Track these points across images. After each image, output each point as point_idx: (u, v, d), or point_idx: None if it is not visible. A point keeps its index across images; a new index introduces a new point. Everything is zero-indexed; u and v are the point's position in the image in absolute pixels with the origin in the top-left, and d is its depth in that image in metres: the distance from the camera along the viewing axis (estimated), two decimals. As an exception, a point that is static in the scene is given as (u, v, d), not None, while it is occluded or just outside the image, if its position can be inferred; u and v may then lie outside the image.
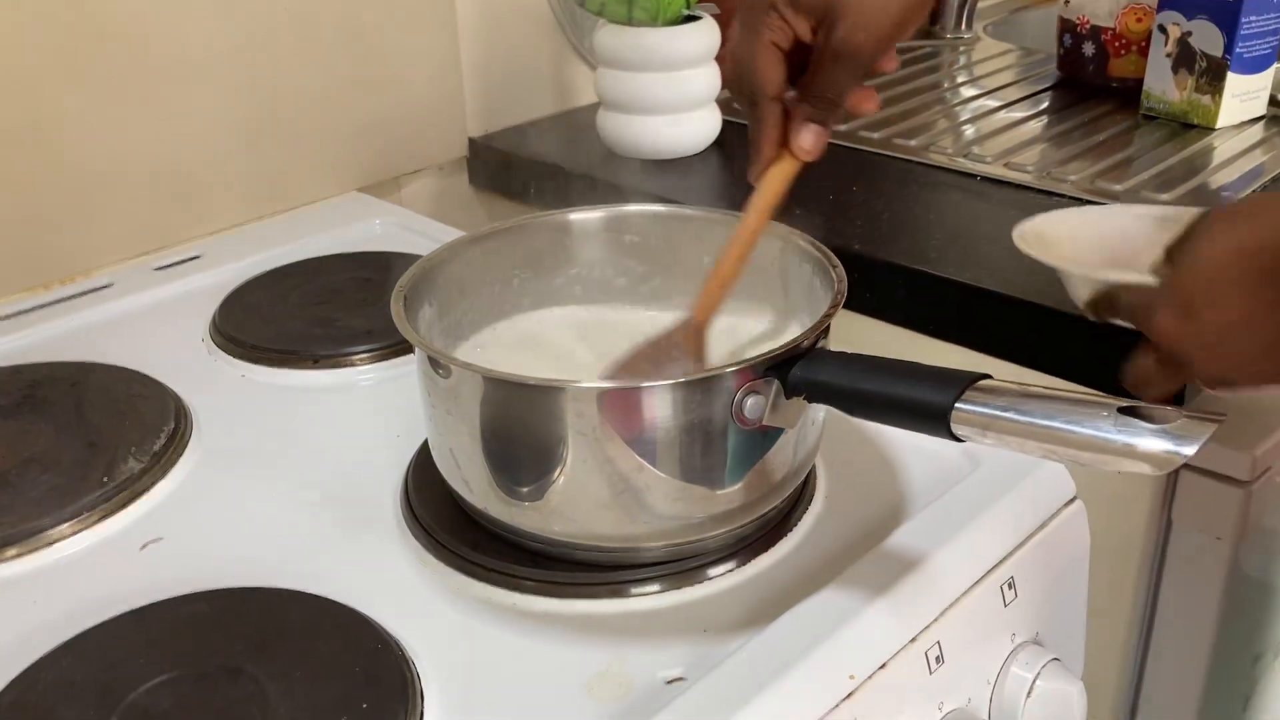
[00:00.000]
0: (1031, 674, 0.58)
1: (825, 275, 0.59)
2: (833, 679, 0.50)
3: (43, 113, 0.86)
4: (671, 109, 1.05)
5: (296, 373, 0.76)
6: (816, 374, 0.52)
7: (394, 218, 1.01)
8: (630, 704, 0.49)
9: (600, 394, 0.52)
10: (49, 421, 0.69)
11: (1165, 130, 1.07)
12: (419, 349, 0.55)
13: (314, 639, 0.52)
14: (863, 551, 0.57)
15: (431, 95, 1.10)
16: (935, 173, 1.00)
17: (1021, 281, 0.79)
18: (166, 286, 0.89)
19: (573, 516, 0.54)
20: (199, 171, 0.96)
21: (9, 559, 0.59)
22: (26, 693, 0.50)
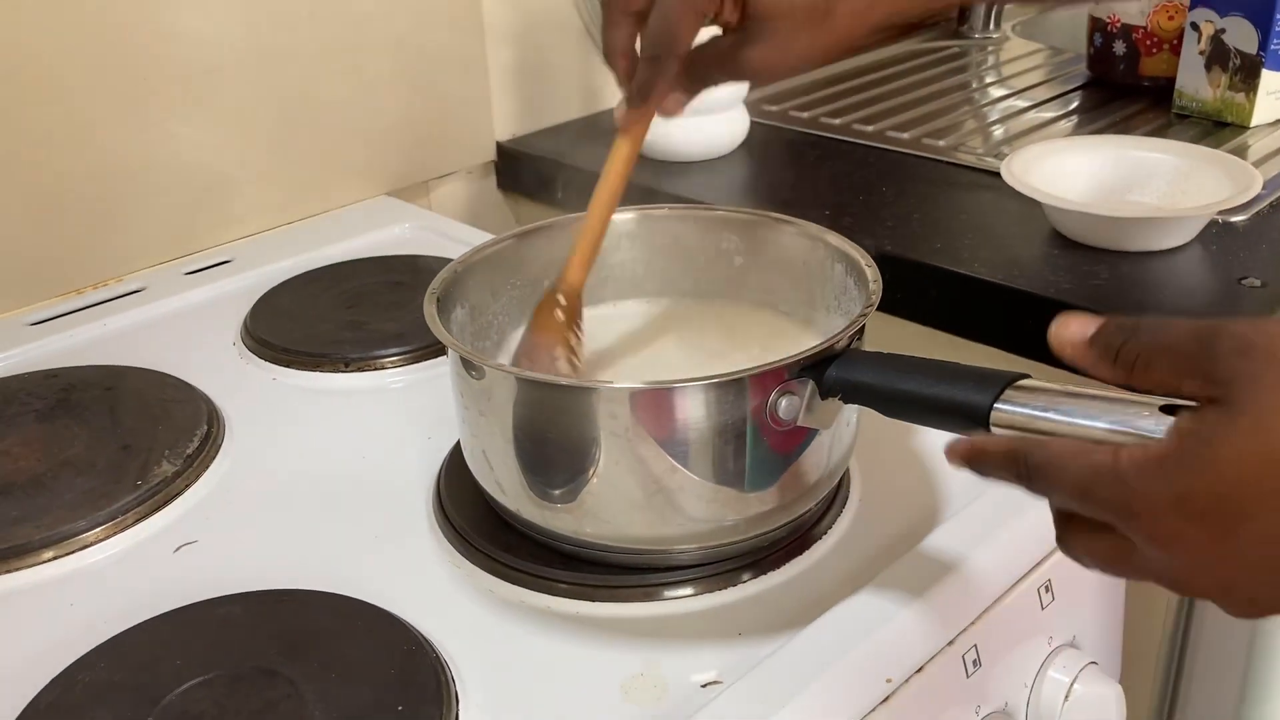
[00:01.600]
0: (1069, 677, 0.58)
1: (859, 275, 0.58)
2: (869, 682, 0.50)
3: (74, 118, 0.87)
4: (699, 110, 1.04)
5: (327, 376, 0.77)
6: (852, 374, 0.52)
7: (423, 221, 1.01)
8: (665, 708, 0.49)
9: (633, 394, 0.52)
10: (83, 425, 0.70)
11: (1198, 129, 1.06)
12: (452, 350, 0.55)
13: (348, 641, 0.52)
14: (899, 554, 0.56)
15: (460, 99, 1.10)
16: (965, 173, 1.00)
17: (1055, 281, 0.79)
18: (198, 290, 0.90)
19: (606, 518, 0.54)
20: (229, 176, 0.96)
21: (45, 561, 0.60)
22: (64, 694, 0.50)
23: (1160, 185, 0.88)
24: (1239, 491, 0.35)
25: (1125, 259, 0.81)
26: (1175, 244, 0.82)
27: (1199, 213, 0.81)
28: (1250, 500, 0.35)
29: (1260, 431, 0.35)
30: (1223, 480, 0.35)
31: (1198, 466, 0.36)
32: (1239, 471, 0.35)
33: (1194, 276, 0.80)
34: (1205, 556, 0.36)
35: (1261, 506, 0.35)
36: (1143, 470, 0.37)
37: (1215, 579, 0.37)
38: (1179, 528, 0.36)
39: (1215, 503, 0.35)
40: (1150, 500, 0.37)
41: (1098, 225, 0.82)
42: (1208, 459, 0.36)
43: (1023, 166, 0.86)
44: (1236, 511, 0.35)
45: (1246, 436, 0.35)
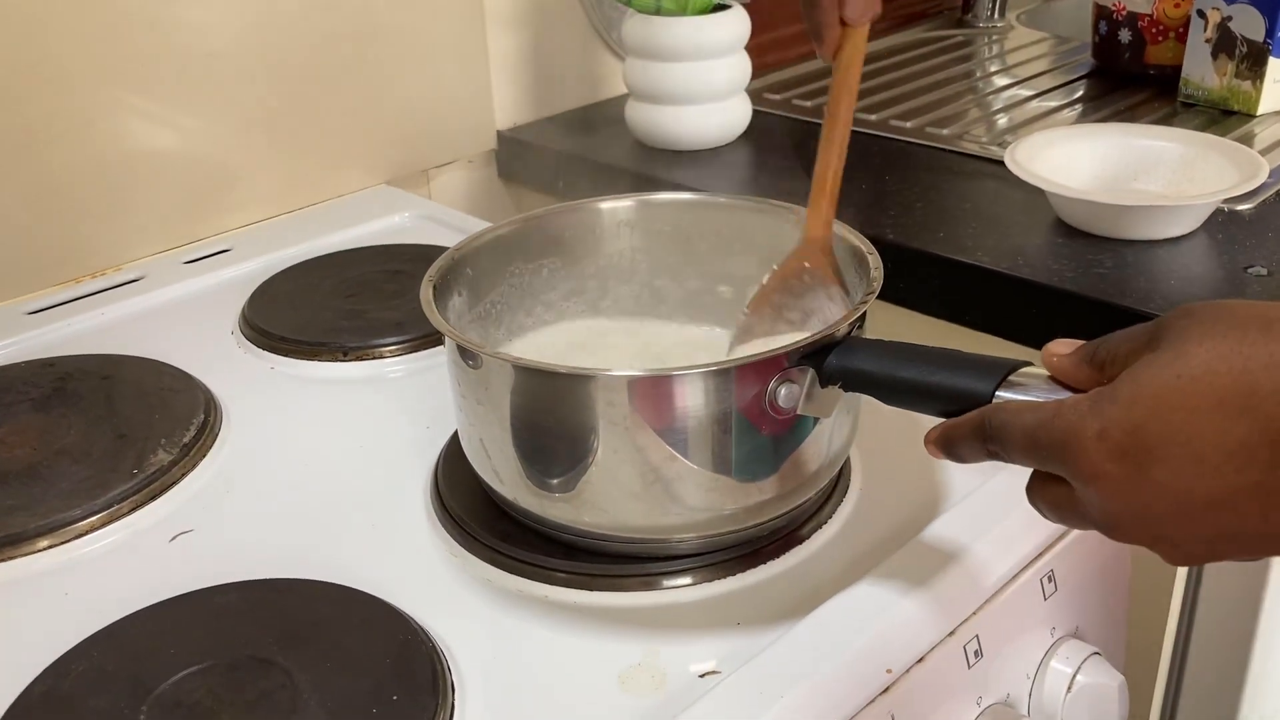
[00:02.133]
0: (1072, 668, 0.57)
1: (861, 263, 0.58)
2: (870, 673, 0.49)
3: (73, 106, 0.86)
4: (701, 99, 1.04)
5: (325, 365, 0.76)
6: (852, 362, 0.51)
7: (423, 210, 1.01)
8: (663, 698, 0.49)
9: (631, 382, 0.51)
10: (80, 414, 0.69)
11: (1204, 118, 1.05)
12: (449, 338, 0.55)
13: (344, 631, 0.52)
14: (900, 544, 0.56)
15: (460, 88, 1.09)
16: (969, 161, 0.99)
17: (1059, 270, 0.78)
18: (196, 279, 0.89)
19: (604, 508, 0.54)
20: (229, 164, 0.96)
21: (40, 550, 0.59)
22: (58, 683, 0.49)
23: (1165, 173, 0.87)
24: (1154, 422, 0.37)
25: (1130, 248, 0.81)
26: (1180, 233, 0.82)
27: (1204, 201, 0.80)
28: (1162, 432, 0.37)
29: (1179, 359, 0.37)
30: (1140, 408, 0.37)
31: (1121, 398, 0.38)
32: (1155, 401, 0.37)
33: (1199, 265, 0.79)
34: (1128, 496, 0.38)
35: (1172, 439, 0.36)
36: (1076, 407, 0.39)
37: (1141, 522, 0.39)
38: (1101, 463, 0.38)
39: (1132, 434, 0.37)
40: (1079, 434, 0.39)
41: (1102, 214, 0.81)
42: (1130, 392, 0.38)
43: (1027, 155, 0.86)
44: (1151, 444, 0.37)
45: (1165, 366, 0.37)
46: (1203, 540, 0.38)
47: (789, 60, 1.29)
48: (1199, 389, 0.36)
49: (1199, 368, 0.36)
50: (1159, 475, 0.37)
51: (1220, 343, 0.36)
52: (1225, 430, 0.36)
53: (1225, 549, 0.39)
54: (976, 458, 0.45)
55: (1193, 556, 0.40)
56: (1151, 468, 0.37)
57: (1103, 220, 0.82)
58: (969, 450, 0.45)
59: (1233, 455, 0.36)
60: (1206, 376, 0.36)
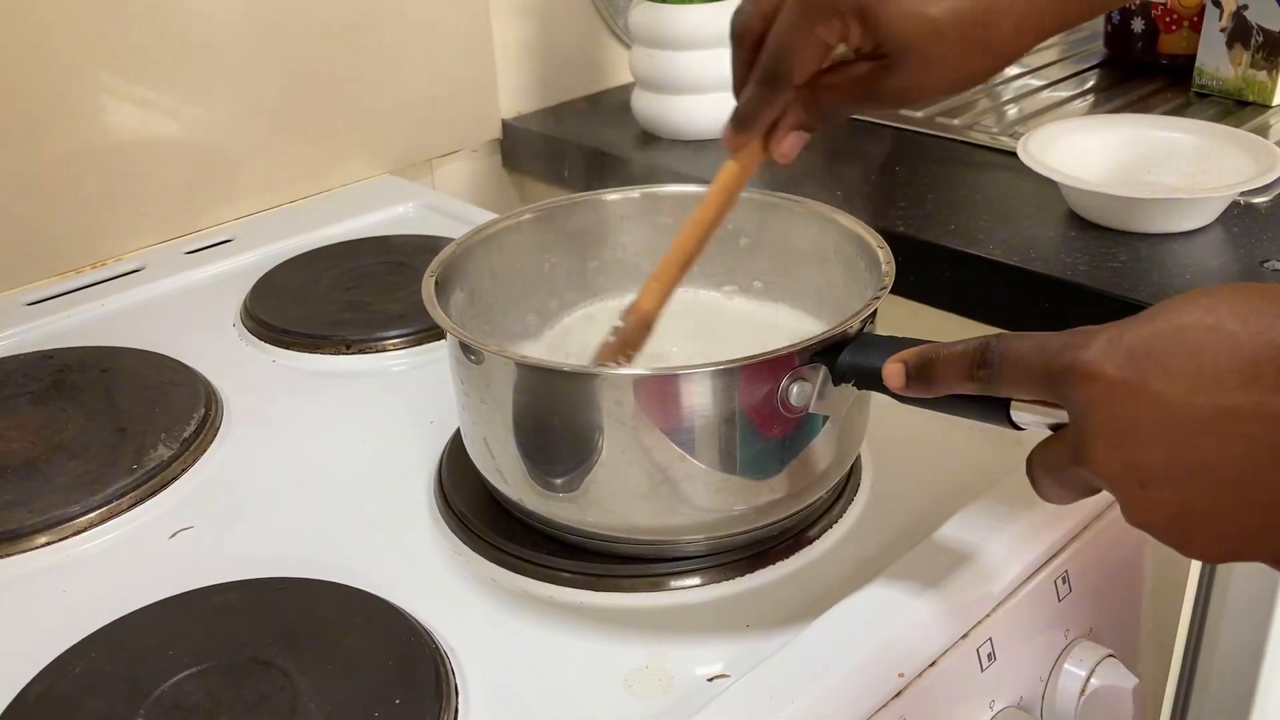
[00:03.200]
0: (1086, 671, 0.56)
1: (872, 257, 0.57)
2: (881, 677, 0.48)
3: (73, 93, 0.85)
4: (708, 88, 1.02)
5: (328, 358, 0.75)
6: (865, 359, 0.50)
7: (427, 201, 1.00)
8: (671, 701, 0.48)
9: (638, 381, 0.50)
10: (79, 407, 0.68)
11: (1219, 108, 1.04)
12: (451, 334, 0.54)
13: (346, 631, 0.51)
14: (911, 544, 0.55)
15: (464, 77, 1.08)
16: (980, 152, 0.98)
17: (1072, 264, 0.77)
18: (198, 270, 0.88)
19: (610, 508, 0.53)
20: (231, 154, 0.95)
21: (38, 547, 0.59)
22: (55, 684, 0.49)
23: (1180, 165, 0.86)
24: (1168, 332, 0.36)
25: (1144, 241, 0.79)
26: (1195, 226, 0.80)
27: (1220, 193, 0.79)
28: (1173, 341, 0.35)
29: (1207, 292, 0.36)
30: (1160, 320, 0.36)
31: (1139, 317, 0.37)
32: (1176, 314, 0.36)
33: (1215, 259, 0.78)
34: (1118, 406, 0.36)
35: (1180, 349, 0.35)
36: (1100, 327, 0.38)
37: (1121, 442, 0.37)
38: (1103, 365, 0.37)
39: (1145, 340, 0.36)
40: (1091, 336, 0.38)
41: (1116, 206, 0.80)
42: (1153, 310, 0.37)
43: (1040, 146, 0.84)
44: (1159, 351, 0.36)
45: (1191, 296, 0.36)
46: (1174, 482, 0.36)
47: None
48: (1224, 307, 0.35)
49: (1229, 292, 0.35)
50: (1157, 384, 0.35)
51: (1255, 288, 0.36)
52: (1238, 344, 0.34)
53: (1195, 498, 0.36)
54: (950, 384, 0.43)
55: (1158, 505, 0.37)
56: (1151, 375, 0.35)
57: (1117, 213, 0.80)
58: (948, 375, 0.43)
59: (1240, 370, 0.34)
60: (1234, 300, 0.35)
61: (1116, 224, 0.81)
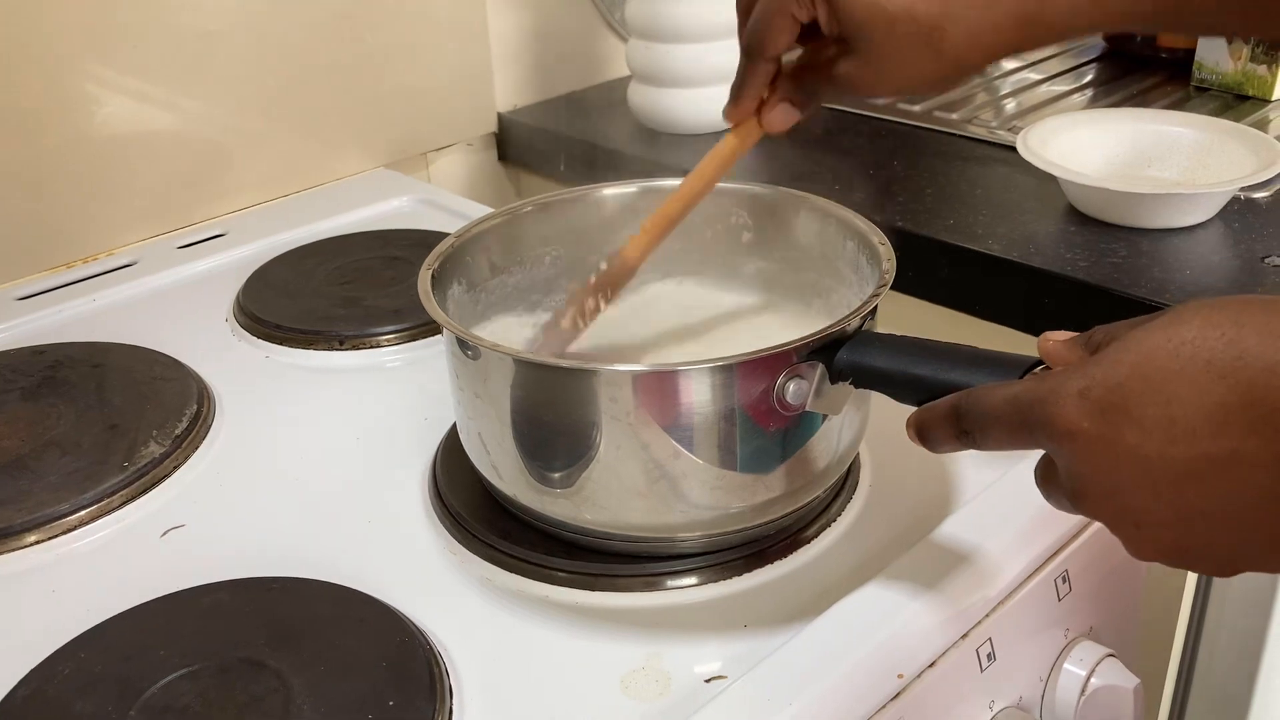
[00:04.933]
0: (1086, 670, 0.56)
1: (872, 253, 0.56)
2: (880, 678, 0.48)
3: (63, 86, 0.84)
4: (705, 81, 1.02)
5: (321, 354, 0.75)
6: (863, 358, 0.50)
7: (422, 194, 0.99)
8: (668, 702, 0.47)
9: (635, 377, 0.50)
10: (69, 403, 0.68)
11: (1218, 103, 1.04)
12: (447, 330, 0.53)
13: (339, 631, 0.50)
14: (910, 543, 0.54)
15: (459, 69, 1.07)
16: (978, 146, 0.97)
17: (1071, 259, 0.76)
18: (190, 265, 0.88)
19: (605, 505, 0.52)
20: (224, 147, 0.94)
21: (27, 546, 0.58)
22: (44, 686, 0.48)
23: (1181, 160, 0.85)
24: (1136, 380, 0.35)
25: (1145, 236, 0.79)
26: (1196, 221, 0.80)
27: (1221, 188, 0.78)
28: (1142, 391, 0.35)
29: (1173, 324, 0.35)
30: (1125, 366, 0.36)
31: (1107, 358, 0.36)
32: (1142, 359, 0.35)
33: (1215, 255, 0.77)
34: (1098, 459, 0.36)
35: (1150, 399, 0.35)
36: (1062, 371, 0.38)
37: (1108, 491, 0.37)
38: (1078, 420, 0.36)
39: (1113, 390, 0.36)
40: (1059, 392, 0.37)
41: (1116, 201, 0.79)
42: (1117, 352, 0.36)
43: (1039, 140, 0.84)
44: (1128, 403, 0.35)
45: (1158, 329, 0.36)
46: (1167, 524, 0.36)
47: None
48: (1188, 351, 0.35)
49: (1192, 331, 0.35)
50: (1131, 437, 0.35)
51: (1218, 313, 0.35)
52: (1205, 391, 0.34)
53: (1191, 536, 0.36)
54: (948, 445, 0.44)
55: (1156, 543, 0.37)
56: (1125, 429, 0.35)
57: (1117, 208, 0.80)
58: (941, 436, 0.44)
59: (1209, 418, 0.34)
60: (1198, 339, 0.35)
61: (1117, 219, 0.80)
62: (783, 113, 0.56)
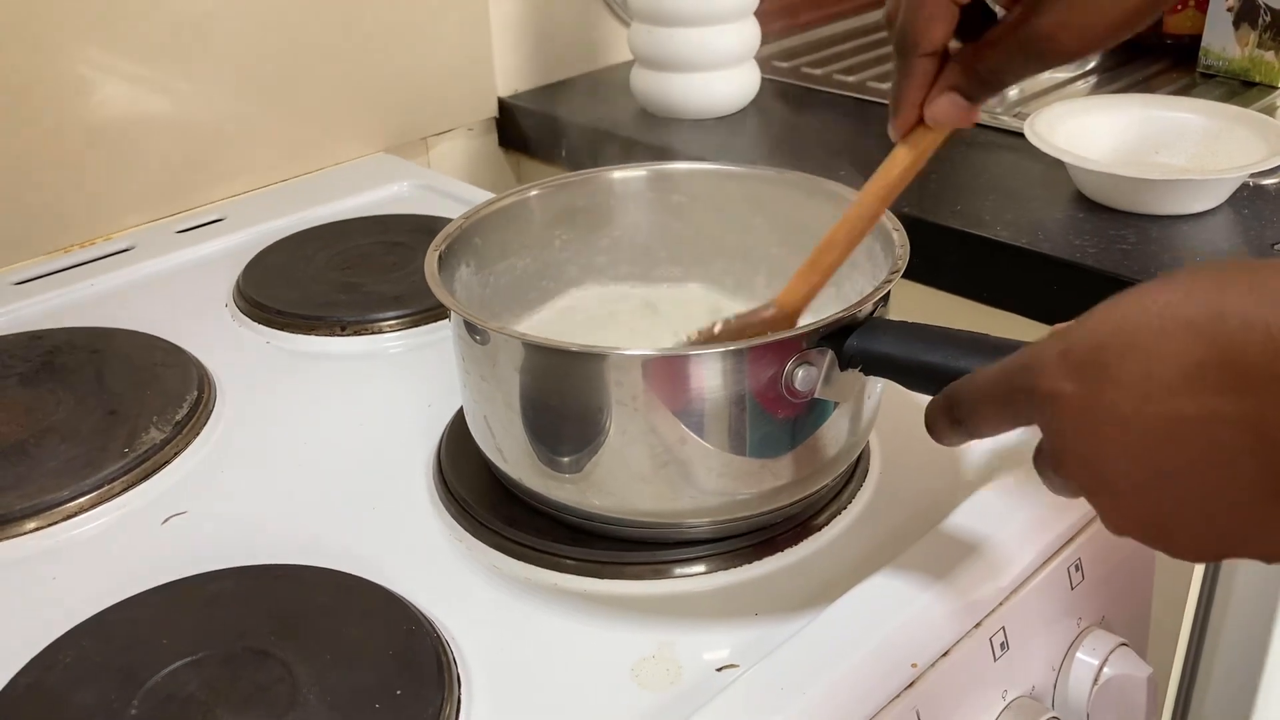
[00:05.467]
0: (1098, 660, 0.55)
1: (885, 238, 0.55)
2: (894, 667, 0.47)
3: (60, 69, 0.83)
4: (707, 66, 1.01)
5: (323, 340, 0.74)
6: (874, 345, 0.49)
7: (422, 179, 0.98)
8: (679, 691, 0.47)
9: (645, 362, 0.49)
10: (68, 389, 0.67)
11: (1224, 89, 1.03)
12: (455, 313, 0.52)
13: (344, 620, 0.50)
14: (922, 532, 0.54)
15: (460, 53, 1.06)
16: (984, 132, 0.96)
17: (1080, 245, 0.76)
18: (189, 250, 0.87)
19: (612, 490, 0.51)
20: (222, 131, 0.93)
21: (27, 533, 0.57)
22: (44, 675, 0.47)
23: (1189, 146, 0.85)
24: (1117, 339, 0.35)
25: (1153, 223, 0.78)
26: (1205, 208, 0.79)
27: (1230, 175, 0.78)
28: (1122, 349, 0.35)
29: (1158, 287, 0.35)
30: (1108, 326, 0.36)
31: (1091, 319, 0.36)
32: (1124, 320, 0.35)
33: (1224, 242, 0.77)
34: (1077, 421, 0.36)
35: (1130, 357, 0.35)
36: (1047, 338, 0.38)
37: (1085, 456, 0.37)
38: (1060, 382, 0.36)
39: (1094, 350, 0.36)
40: (1042, 356, 0.37)
41: (1125, 187, 0.79)
42: (1101, 313, 0.36)
43: (1047, 126, 0.83)
44: (1109, 361, 0.35)
45: (1143, 293, 0.35)
46: (1141, 489, 0.36)
47: (799, 27, 1.26)
48: (1170, 311, 0.34)
49: (1175, 293, 0.35)
50: (1109, 396, 0.35)
51: (1202, 276, 0.35)
52: (1184, 349, 0.34)
53: (1163, 502, 0.36)
54: (950, 436, 0.43)
55: (1130, 513, 0.37)
56: (1104, 388, 0.35)
57: (1125, 194, 0.79)
58: (944, 432, 0.44)
59: (1186, 376, 0.34)
60: (1180, 301, 0.34)
61: (1125, 205, 0.80)
62: (949, 103, 0.47)
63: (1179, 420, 0.34)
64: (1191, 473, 0.35)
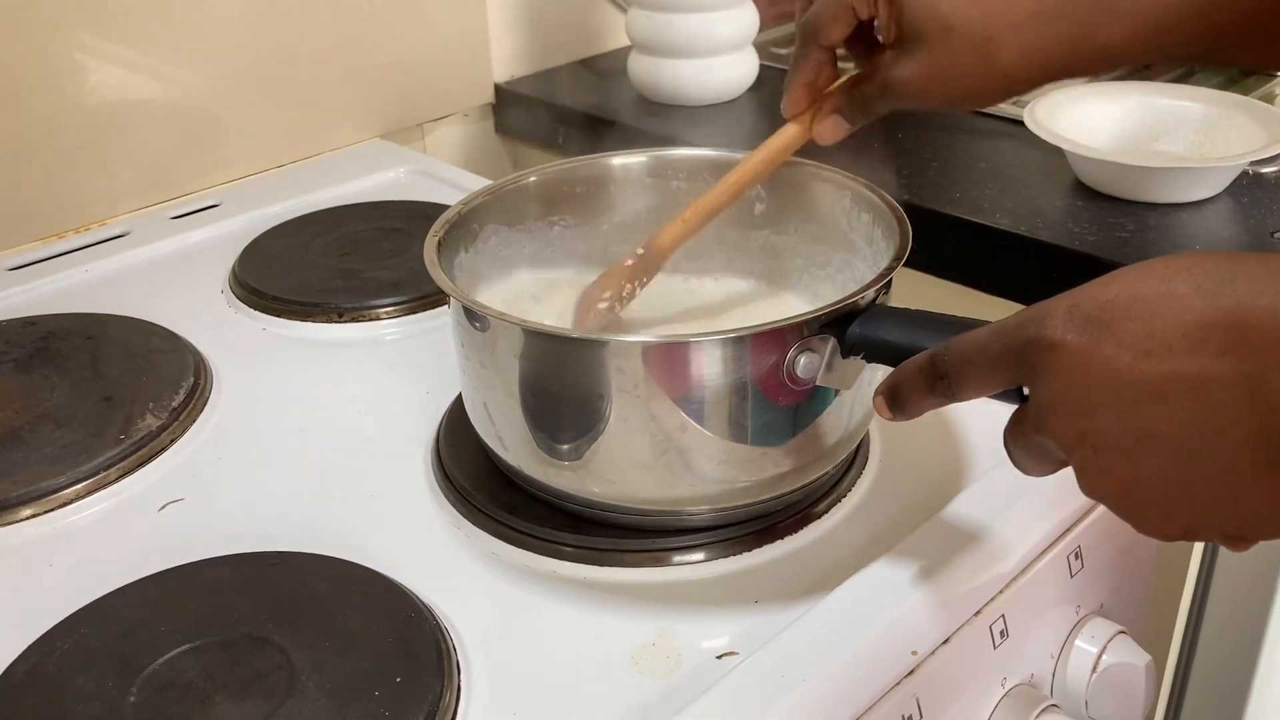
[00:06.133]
0: (1097, 648, 0.55)
1: (888, 226, 0.55)
2: (894, 654, 0.47)
3: (56, 54, 0.83)
4: (706, 52, 1.00)
5: (320, 326, 0.73)
6: (876, 332, 0.49)
7: (418, 166, 0.97)
8: (679, 679, 0.47)
9: (645, 349, 0.49)
10: (64, 375, 0.66)
11: (1223, 77, 1.03)
12: (454, 299, 0.52)
13: (343, 606, 0.49)
14: (922, 519, 0.54)
15: (456, 39, 1.06)
16: (983, 120, 0.96)
17: (1079, 233, 0.75)
18: (184, 236, 0.86)
19: (612, 478, 0.51)
20: (218, 117, 0.92)
21: (23, 520, 0.57)
22: (42, 661, 0.47)
23: (1188, 134, 0.85)
24: (1124, 296, 0.36)
25: (1152, 211, 0.78)
26: (1204, 195, 0.79)
27: (1230, 163, 0.78)
28: (1128, 305, 0.35)
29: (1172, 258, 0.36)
30: (1117, 285, 0.36)
31: (1099, 282, 0.37)
32: (1133, 278, 0.36)
33: (1224, 229, 0.77)
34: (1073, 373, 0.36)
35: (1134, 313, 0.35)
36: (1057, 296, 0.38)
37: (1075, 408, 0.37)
38: (1063, 332, 0.37)
39: (1101, 306, 0.36)
40: (1050, 309, 0.37)
41: (1124, 175, 0.79)
42: (1111, 276, 0.37)
43: (1047, 113, 0.83)
44: (1113, 316, 0.36)
45: (1153, 261, 0.36)
46: (1125, 449, 0.36)
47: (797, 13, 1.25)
48: (1180, 276, 0.35)
49: (1189, 260, 0.36)
50: (1108, 349, 0.36)
51: (1216, 251, 0.36)
52: (1188, 309, 0.34)
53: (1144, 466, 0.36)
54: (922, 403, 0.44)
55: (1109, 474, 0.37)
56: (1104, 341, 0.36)
57: (1125, 182, 0.79)
58: (916, 394, 0.44)
59: (1187, 335, 0.34)
60: (1192, 267, 0.35)
61: (1125, 193, 0.80)
62: (833, 124, 0.56)
63: (1175, 378, 0.34)
64: (1174, 434, 0.35)
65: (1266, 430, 0.33)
